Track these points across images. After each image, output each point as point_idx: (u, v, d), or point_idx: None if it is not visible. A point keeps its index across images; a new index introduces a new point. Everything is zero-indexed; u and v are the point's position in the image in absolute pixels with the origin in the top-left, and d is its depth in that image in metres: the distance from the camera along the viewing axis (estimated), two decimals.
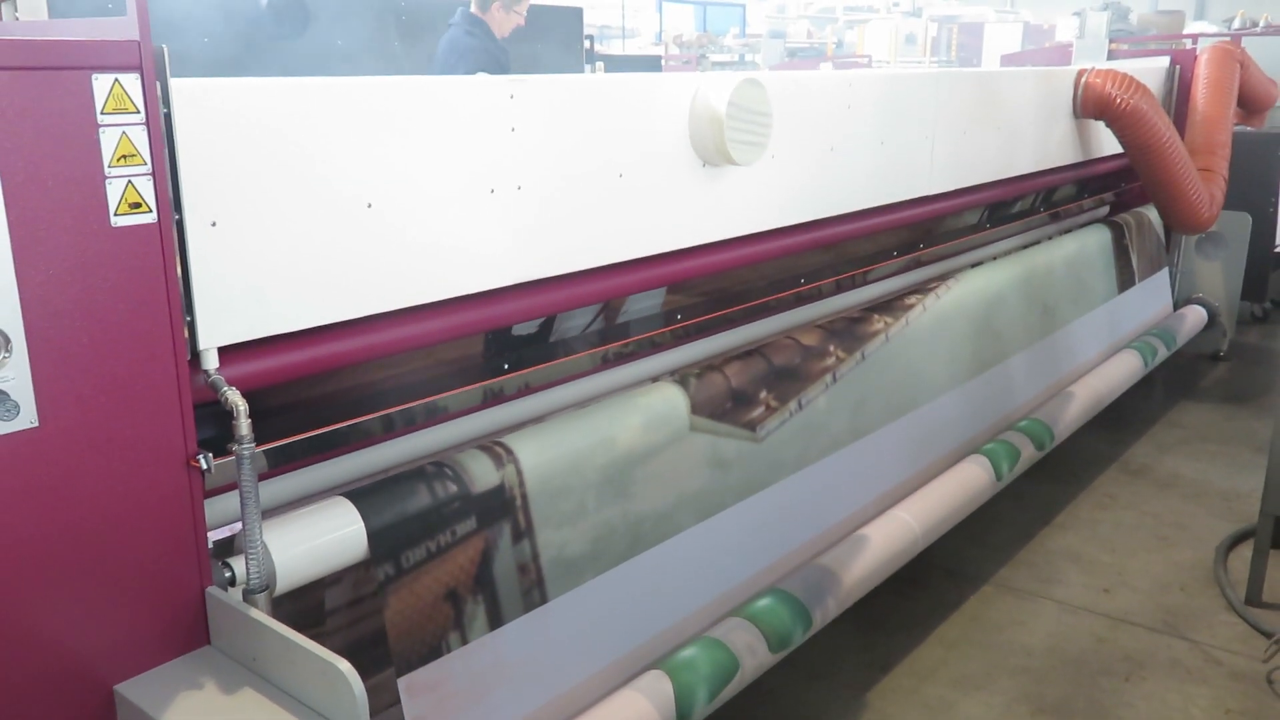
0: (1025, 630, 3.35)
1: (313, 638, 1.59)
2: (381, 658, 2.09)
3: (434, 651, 2.02)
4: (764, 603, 2.66)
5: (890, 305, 3.48)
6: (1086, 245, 4.97)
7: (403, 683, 1.97)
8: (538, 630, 2.23)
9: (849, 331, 3.24)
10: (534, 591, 2.22)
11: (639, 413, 2.50)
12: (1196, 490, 4.41)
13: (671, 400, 2.60)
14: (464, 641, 2.08)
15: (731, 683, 2.43)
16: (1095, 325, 4.96)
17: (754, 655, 2.51)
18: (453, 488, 2.08)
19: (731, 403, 2.75)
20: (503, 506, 2.17)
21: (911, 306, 3.55)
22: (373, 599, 2.09)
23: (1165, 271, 5.81)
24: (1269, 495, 3.39)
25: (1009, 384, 4.16)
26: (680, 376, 2.68)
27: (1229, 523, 4.05)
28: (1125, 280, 5.28)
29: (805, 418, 2.99)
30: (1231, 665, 3.15)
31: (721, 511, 2.70)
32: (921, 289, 3.72)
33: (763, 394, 2.85)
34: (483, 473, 2.14)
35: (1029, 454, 3.83)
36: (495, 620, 2.14)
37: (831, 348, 3.13)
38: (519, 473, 2.20)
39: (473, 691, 2.08)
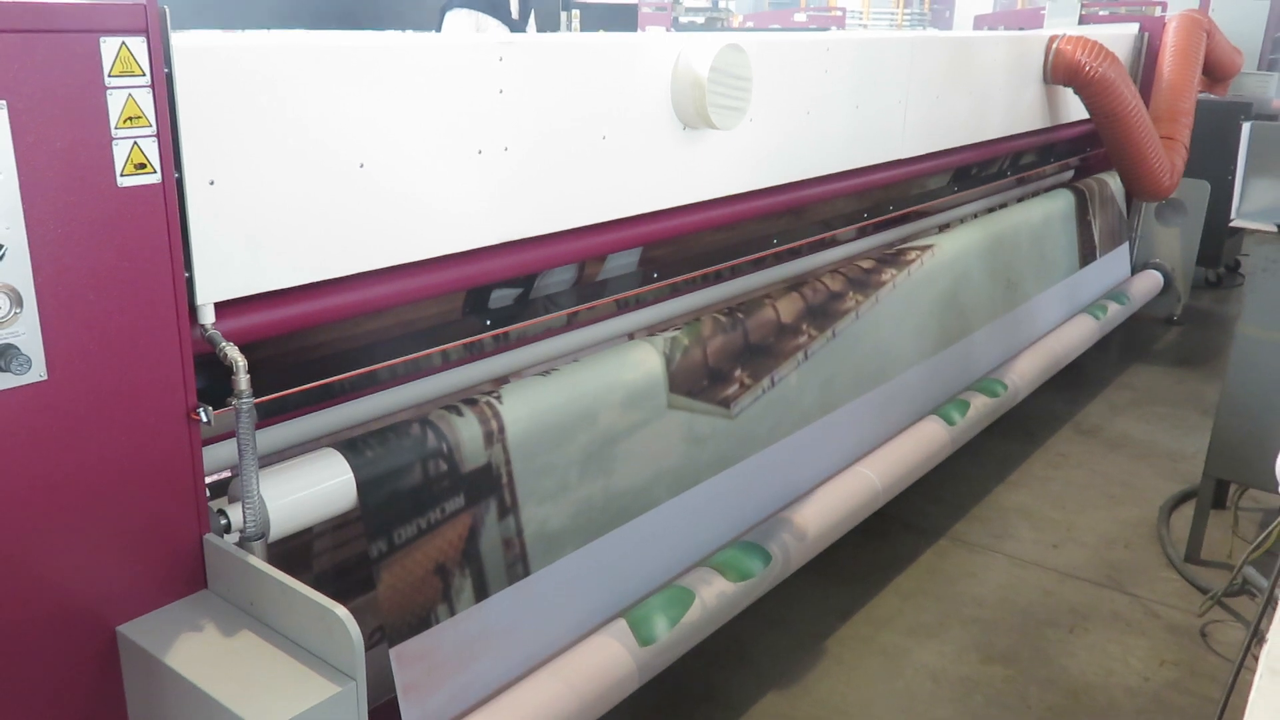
0: (977, 582, 3.51)
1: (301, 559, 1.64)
2: (364, 580, 2.19)
3: (423, 623, 2.11)
4: (721, 553, 2.78)
5: (861, 282, 3.56)
6: (1051, 220, 5.05)
7: (394, 652, 2.05)
8: (521, 601, 2.33)
9: (821, 309, 3.33)
10: (518, 565, 2.32)
11: (620, 391, 2.57)
12: (1144, 451, 4.59)
13: (651, 379, 2.67)
14: (452, 613, 2.17)
15: (691, 608, 2.54)
16: (1056, 299, 5.09)
17: (709, 585, 2.63)
18: (443, 466, 2.15)
19: (708, 381, 2.84)
20: (490, 484, 2.25)
21: (882, 284, 3.64)
22: (356, 524, 2.16)
23: (1125, 245, 5.95)
24: (1211, 458, 3.55)
25: (972, 357, 4.27)
26: (660, 352, 2.73)
27: (1174, 483, 4.23)
28: (1087, 254, 5.40)
29: (777, 394, 3.09)
30: (1169, 619, 3.32)
31: (696, 485, 2.81)
32: (894, 262, 3.78)
33: (737, 372, 2.94)
34: (472, 452, 2.21)
35: (980, 403, 3.97)
36: (481, 592, 2.24)
37: (804, 325, 3.22)
38: (505, 451, 2.27)
39: (460, 660, 2.18)
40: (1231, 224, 3.36)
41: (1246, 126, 3.33)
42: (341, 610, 1.59)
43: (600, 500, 2.52)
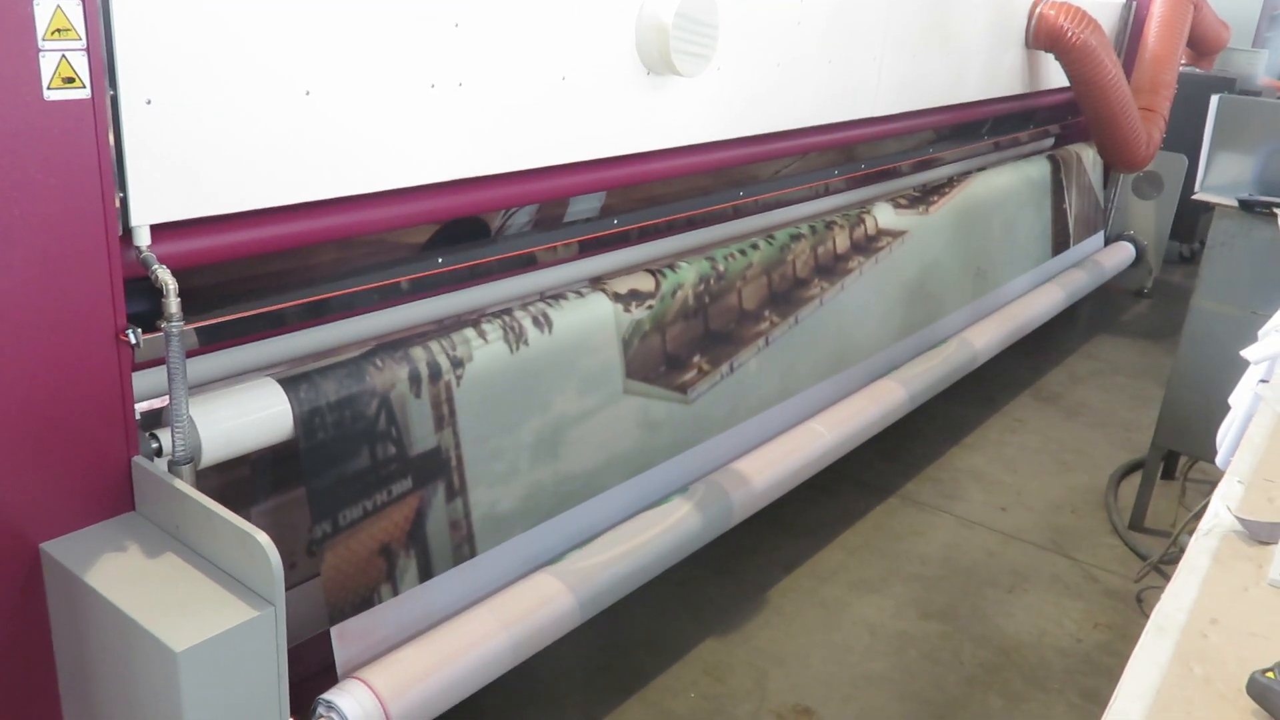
0: (923, 541, 3.56)
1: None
2: (290, 475, 2.19)
3: (366, 602, 2.11)
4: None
5: (827, 269, 3.52)
6: (1025, 194, 5.03)
7: (335, 630, 2.05)
8: (466, 581, 2.33)
9: (785, 296, 3.29)
10: (464, 546, 2.32)
11: (575, 376, 2.55)
12: (1100, 420, 4.63)
13: (607, 365, 2.65)
14: (395, 593, 2.17)
15: (600, 535, 2.59)
16: (1026, 285, 5.08)
17: (623, 521, 2.66)
18: (392, 449, 2.14)
19: (665, 367, 2.83)
20: (439, 467, 2.24)
21: (849, 271, 3.60)
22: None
23: (1100, 235, 5.94)
24: (1161, 430, 3.60)
25: (935, 340, 4.26)
26: (618, 337, 2.69)
27: (1126, 452, 4.29)
28: (1060, 243, 5.38)
29: (736, 380, 3.07)
30: (1107, 583, 3.38)
31: (649, 470, 2.80)
32: (863, 250, 3.73)
33: (696, 358, 2.93)
34: (422, 435, 2.19)
35: (923, 354, 3.99)
36: (426, 573, 2.24)
37: (766, 312, 3.19)
38: (456, 435, 2.26)
39: (401, 639, 2.18)
40: (1194, 197, 3.36)
41: (1214, 99, 3.32)
42: (262, 536, 1.59)
43: (551, 484, 2.51)
